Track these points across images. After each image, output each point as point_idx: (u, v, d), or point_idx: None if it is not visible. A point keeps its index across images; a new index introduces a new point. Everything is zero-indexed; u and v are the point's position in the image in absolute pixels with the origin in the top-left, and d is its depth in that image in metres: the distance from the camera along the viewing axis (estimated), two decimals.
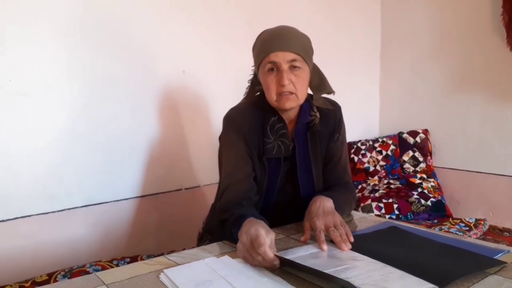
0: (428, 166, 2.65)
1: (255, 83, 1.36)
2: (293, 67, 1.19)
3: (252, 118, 1.28)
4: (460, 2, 2.53)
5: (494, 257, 0.95)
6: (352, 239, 1.06)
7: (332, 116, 1.35)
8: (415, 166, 2.65)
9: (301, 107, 1.29)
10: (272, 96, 1.21)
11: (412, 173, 2.63)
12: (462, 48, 2.54)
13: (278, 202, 1.32)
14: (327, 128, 1.34)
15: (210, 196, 2.10)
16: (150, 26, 1.90)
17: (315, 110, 1.31)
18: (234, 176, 1.26)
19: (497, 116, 2.42)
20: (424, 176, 2.59)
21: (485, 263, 0.92)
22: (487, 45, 2.41)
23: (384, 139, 2.78)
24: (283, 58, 1.17)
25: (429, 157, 2.68)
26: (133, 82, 1.86)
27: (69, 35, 1.68)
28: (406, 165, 2.67)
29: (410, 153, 2.69)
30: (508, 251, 1.00)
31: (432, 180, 2.56)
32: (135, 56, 1.86)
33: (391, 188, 2.51)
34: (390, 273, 0.87)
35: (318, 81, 1.32)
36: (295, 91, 1.20)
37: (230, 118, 1.31)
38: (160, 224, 1.97)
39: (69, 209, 1.71)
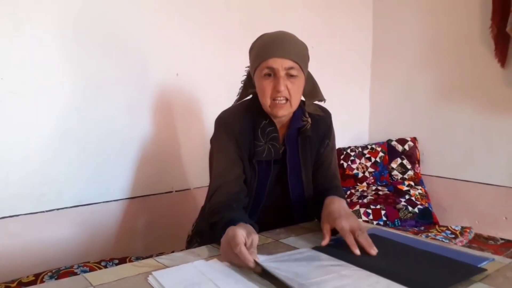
0: (416, 173, 2.68)
1: (248, 85, 1.37)
2: (290, 75, 1.20)
3: (243, 121, 1.29)
4: (450, 13, 2.57)
5: (479, 265, 0.96)
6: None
7: (322, 122, 1.37)
8: (403, 173, 2.68)
9: (294, 112, 1.30)
10: (266, 101, 1.22)
11: (400, 180, 2.66)
12: (451, 58, 2.58)
13: (267, 206, 1.33)
14: (318, 134, 1.36)
15: (201, 199, 2.10)
16: (144, 28, 1.90)
17: (307, 116, 1.33)
18: (224, 177, 1.27)
19: (484, 126, 2.45)
20: (412, 183, 2.62)
21: (468, 271, 0.92)
22: (476, 56, 2.45)
23: (373, 146, 2.80)
24: (281, 65, 1.18)
25: (417, 165, 2.71)
26: (126, 83, 1.86)
27: (62, 35, 1.68)
28: (394, 172, 2.70)
29: (399, 160, 2.72)
30: (493, 259, 1.01)
31: (419, 187, 2.59)
32: (128, 57, 1.86)
33: (379, 194, 2.53)
34: (376, 282, 0.87)
35: (311, 88, 1.33)
36: (289, 98, 1.21)
37: (222, 120, 1.32)
38: (150, 226, 1.97)
39: (58, 209, 1.70)
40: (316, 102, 1.37)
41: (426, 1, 2.70)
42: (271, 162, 1.29)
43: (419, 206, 2.43)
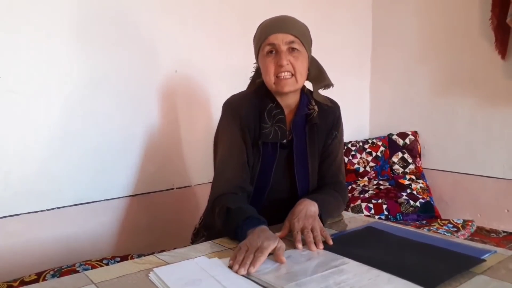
0: (417, 167, 2.68)
1: (255, 78, 1.38)
2: (292, 49, 1.21)
3: (250, 104, 1.30)
4: (449, 6, 2.56)
5: (481, 257, 0.96)
6: (330, 242, 1.07)
7: (331, 112, 1.37)
8: (404, 167, 2.68)
9: (300, 99, 1.31)
10: (270, 78, 1.23)
11: (401, 174, 2.65)
12: (451, 51, 2.57)
13: (273, 197, 1.32)
14: (326, 124, 1.35)
15: (202, 196, 2.11)
16: (143, 25, 1.89)
17: (313, 103, 1.32)
18: (228, 162, 1.27)
19: (485, 118, 2.45)
20: (413, 177, 2.62)
21: (468, 263, 0.92)
22: (476, 48, 2.44)
23: (374, 140, 2.80)
24: (281, 39, 1.20)
25: (418, 159, 2.70)
26: (125, 81, 1.85)
27: (60, 33, 1.67)
28: (396, 166, 2.69)
29: (400, 154, 2.72)
30: (495, 252, 1.01)
31: (421, 181, 2.59)
32: (127, 55, 1.85)
33: (380, 189, 2.53)
34: (377, 276, 0.87)
35: (317, 73, 1.33)
36: (293, 72, 1.21)
37: (228, 104, 1.34)
38: (151, 224, 1.97)
39: (59, 208, 1.70)
40: (326, 93, 1.37)
41: None
42: (277, 145, 1.28)
43: (421, 200, 2.43)
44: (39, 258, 1.63)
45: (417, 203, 2.41)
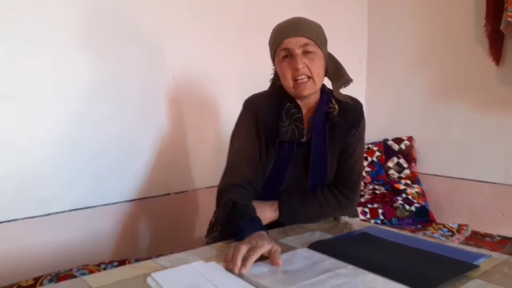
0: (412, 172, 2.69)
1: (276, 80, 1.39)
2: (306, 52, 1.22)
3: (268, 103, 1.32)
4: (444, 12, 2.59)
5: (476, 262, 0.97)
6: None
7: (351, 110, 1.35)
8: (399, 172, 2.69)
9: (320, 97, 1.32)
10: (288, 83, 1.24)
11: (396, 179, 2.67)
12: (447, 57, 2.59)
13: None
14: (346, 122, 1.33)
15: (199, 201, 2.11)
16: (144, 29, 1.90)
17: (334, 102, 1.32)
18: (241, 157, 1.29)
19: (480, 124, 2.46)
20: (409, 182, 2.63)
21: (462, 268, 0.93)
22: (471, 55, 2.46)
23: (370, 145, 2.81)
24: (295, 43, 1.21)
25: (413, 164, 2.72)
26: (123, 87, 1.86)
27: (59, 38, 1.67)
28: (391, 171, 2.71)
29: (395, 159, 2.73)
30: (490, 256, 1.02)
31: (416, 186, 2.60)
32: (127, 61, 1.86)
33: (376, 193, 2.54)
34: (373, 280, 0.88)
35: (335, 69, 1.34)
36: (310, 74, 1.22)
37: (248, 101, 1.36)
38: (149, 228, 1.97)
39: (56, 213, 1.70)
40: (346, 91, 1.37)
41: (420, 0, 2.71)
42: (294, 144, 1.29)
43: (416, 205, 2.44)
44: (36, 263, 1.62)
45: (413, 208, 2.42)
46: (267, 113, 1.30)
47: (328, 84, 1.39)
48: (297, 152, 1.30)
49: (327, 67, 1.31)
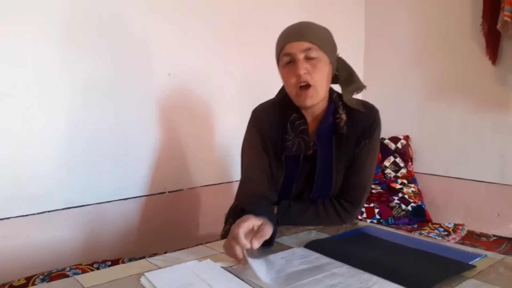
0: (408, 171, 2.69)
1: (284, 87, 1.35)
2: (309, 58, 1.16)
3: (274, 115, 1.27)
4: (441, 11, 2.59)
5: (472, 261, 0.96)
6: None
7: (363, 119, 1.25)
8: (396, 171, 2.69)
9: (328, 106, 1.26)
10: (292, 90, 1.21)
11: (393, 179, 2.67)
12: (443, 56, 2.59)
13: None
14: (356, 132, 1.24)
15: (194, 199, 2.10)
16: (137, 27, 1.89)
17: (341, 112, 1.24)
18: (251, 173, 1.27)
19: (476, 123, 2.47)
20: (405, 181, 2.63)
21: (458, 268, 0.93)
22: (467, 54, 2.47)
23: None
24: (297, 48, 1.16)
25: (410, 163, 2.72)
26: (117, 84, 1.85)
27: (54, 35, 1.66)
28: (387, 171, 2.70)
29: (391, 158, 2.73)
30: (486, 256, 1.02)
31: (412, 185, 2.60)
32: (120, 58, 1.85)
33: (372, 193, 2.54)
34: (368, 280, 0.88)
35: (346, 76, 1.27)
36: (312, 82, 1.16)
37: (253, 114, 1.32)
38: (143, 227, 1.96)
39: (49, 211, 1.69)
40: (359, 96, 1.30)
41: (417, 0, 2.71)
42: (300, 158, 1.24)
43: (412, 204, 2.44)
44: (29, 262, 1.61)
45: (409, 207, 2.42)
46: (272, 127, 1.26)
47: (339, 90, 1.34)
48: (303, 165, 1.26)
49: (339, 73, 1.26)
